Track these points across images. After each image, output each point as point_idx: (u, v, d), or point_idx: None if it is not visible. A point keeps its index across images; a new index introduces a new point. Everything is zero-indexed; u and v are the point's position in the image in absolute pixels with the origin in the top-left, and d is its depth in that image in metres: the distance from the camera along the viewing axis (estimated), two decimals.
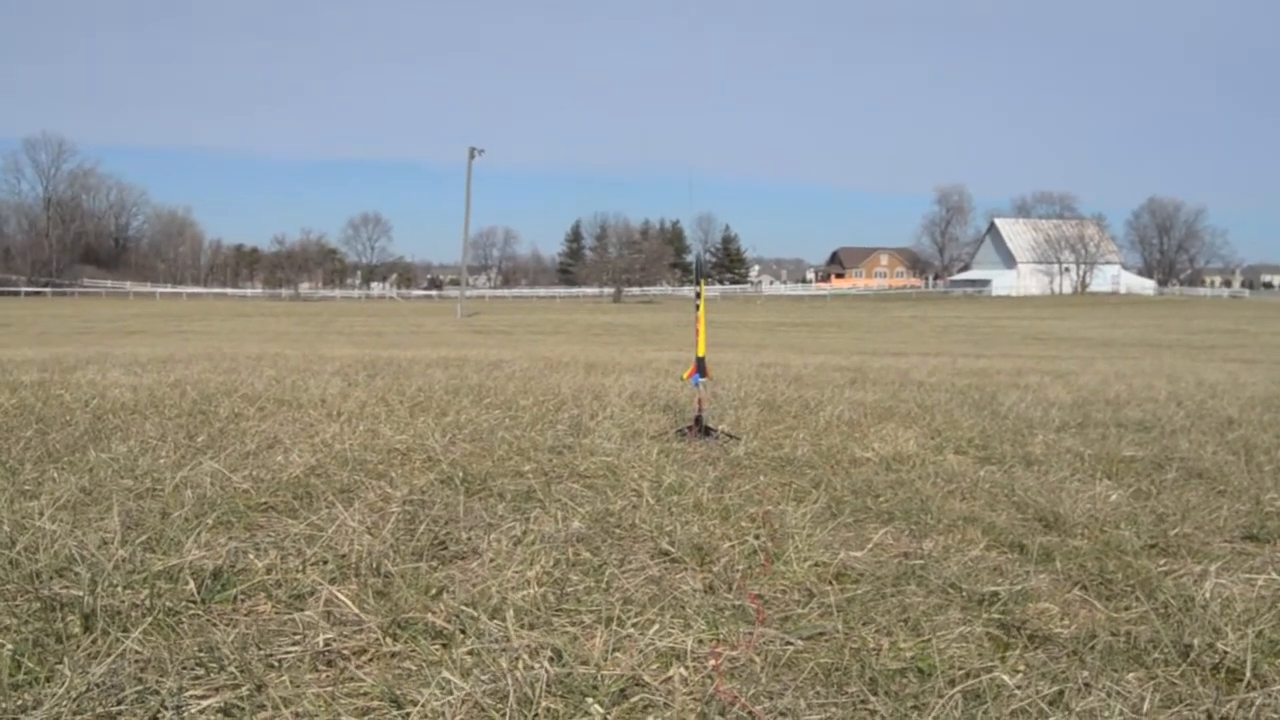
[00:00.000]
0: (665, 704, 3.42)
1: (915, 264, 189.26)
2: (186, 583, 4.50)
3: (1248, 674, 3.72)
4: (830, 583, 4.89)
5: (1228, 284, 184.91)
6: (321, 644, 3.91)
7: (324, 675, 3.68)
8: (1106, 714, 3.25)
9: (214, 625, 4.11)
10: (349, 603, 4.25)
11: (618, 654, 3.83)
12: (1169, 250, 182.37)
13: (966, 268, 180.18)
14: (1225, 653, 3.93)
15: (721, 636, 4.12)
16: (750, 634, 4.16)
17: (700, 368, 9.12)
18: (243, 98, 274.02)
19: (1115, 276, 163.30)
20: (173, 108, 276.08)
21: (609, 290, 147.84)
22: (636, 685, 3.58)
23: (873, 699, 3.49)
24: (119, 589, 4.39)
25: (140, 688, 3.44)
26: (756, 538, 5.59)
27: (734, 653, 3.94)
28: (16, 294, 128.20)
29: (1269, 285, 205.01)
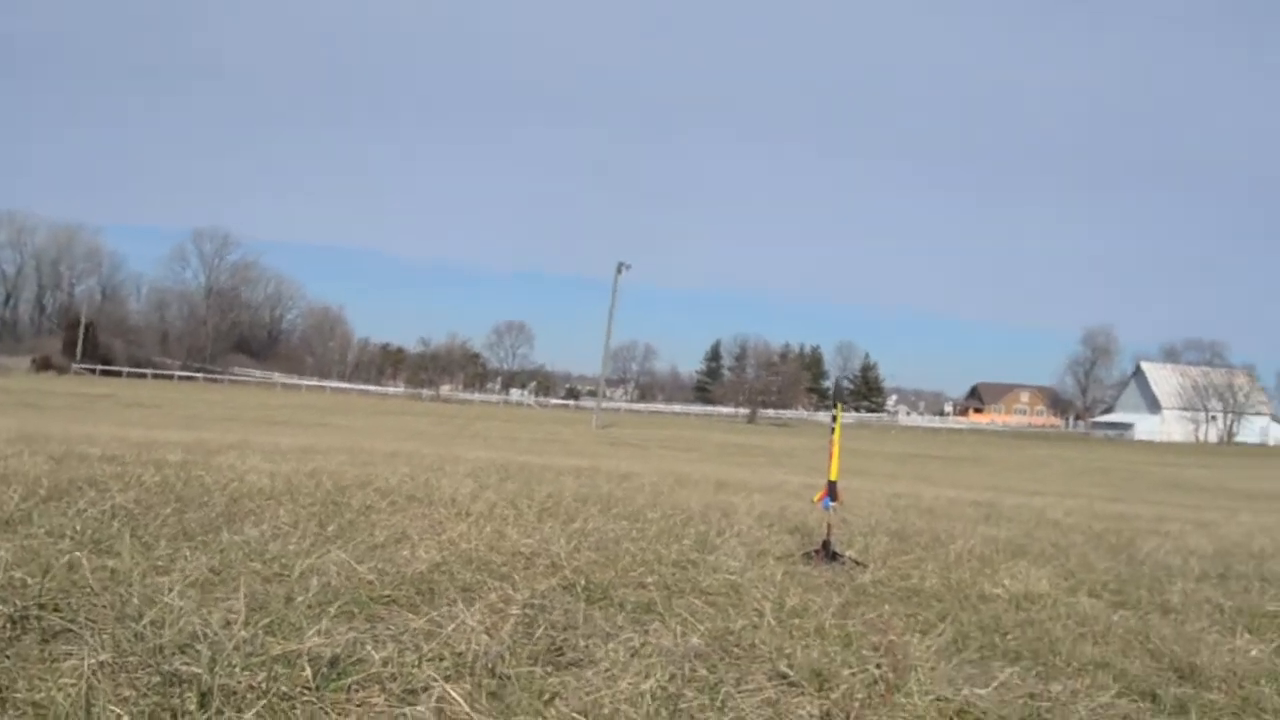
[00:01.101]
0: None
1: (1056, 403, 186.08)
2: (303, 669, 4.53)
3: None
4: (951, 718, 4.75)
5: None
6: None
7: None
8: None
9: (326, 713, 4.12)
10: (461, 701, 4.24)
11: None
12: None
13: (1109, 410, 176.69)
14: None
15: None
16: None
17: (831, 491, 9.05)
18: (401, 201, 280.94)
19: (1264, 428, 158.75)
20: (331, 206, 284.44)
21: (744, 411, 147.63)
22: None
23: None
24: (237, 669, 4.43)
25: None
26: (878, 667, 5.47)
27: None
28: (170, 378, 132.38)
29: None
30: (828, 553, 8.70)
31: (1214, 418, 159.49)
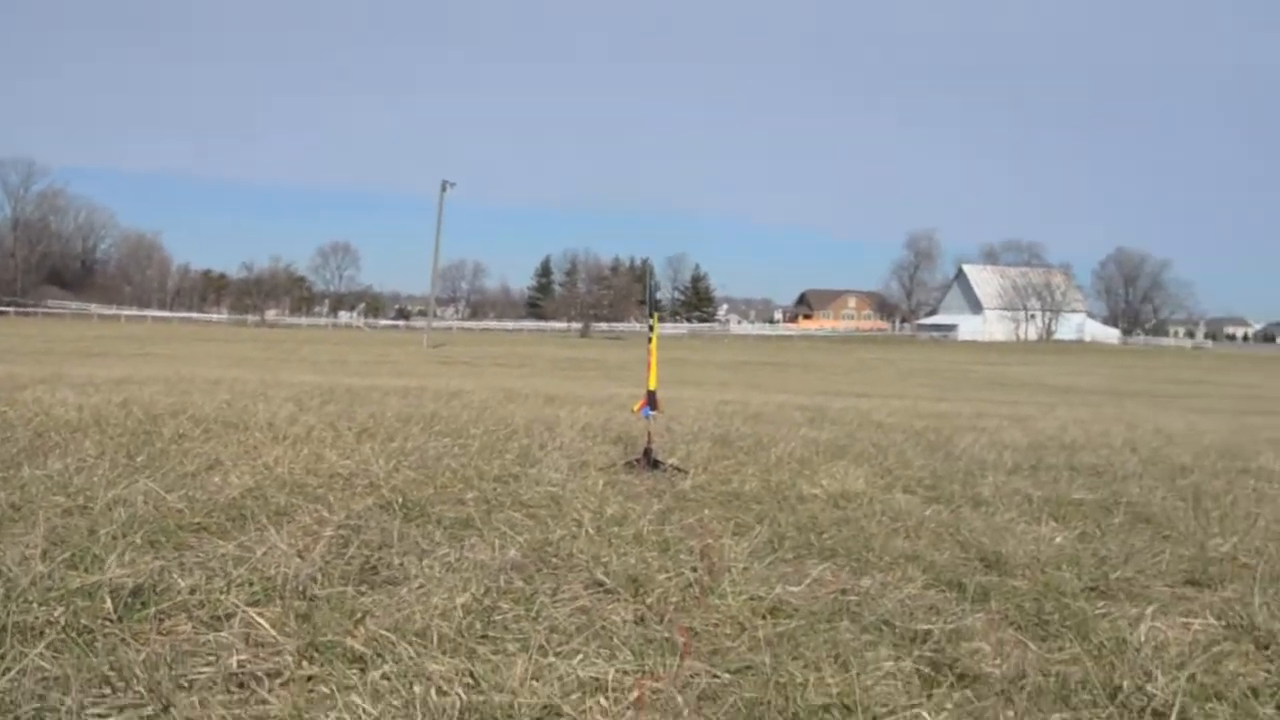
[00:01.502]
0: None
1: (883, 307, 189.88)
2: (104, 600, 4.40)
3: (1174, 717, 3.67)
4: (764, 617, 4.83)
5: (1191, 335, 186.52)
6: (235, 666, 3.82)
7: (234, 697, 3.59)
8: None
9: (128, 643, 4.01)
10: (266, 625, 4.16)
11: (537, 683, 3.75)
12: (1134, 300, 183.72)
13: (934, 312, 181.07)
14: (1154, 695, 3.89)
15: (647, 668, 4.04)
16: (676, 666, 4.09)
17: (651, 400, 9.07)
18: (215, 123, 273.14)
19: (1080, 325, 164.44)
20: (144, 131, 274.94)
21: (577, 325, 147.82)
22: (553, 715, 3.50)
23: None
24: (34, 605, 4.28)
25: (39, 705, 3.34)
26: (694, 570, 5.53)
27: (658, 684, 3.86)
28: None
29: (1231, 337, 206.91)
30: (649, 461, 8.75)
31: (1033, 316, 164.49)
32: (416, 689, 3.55)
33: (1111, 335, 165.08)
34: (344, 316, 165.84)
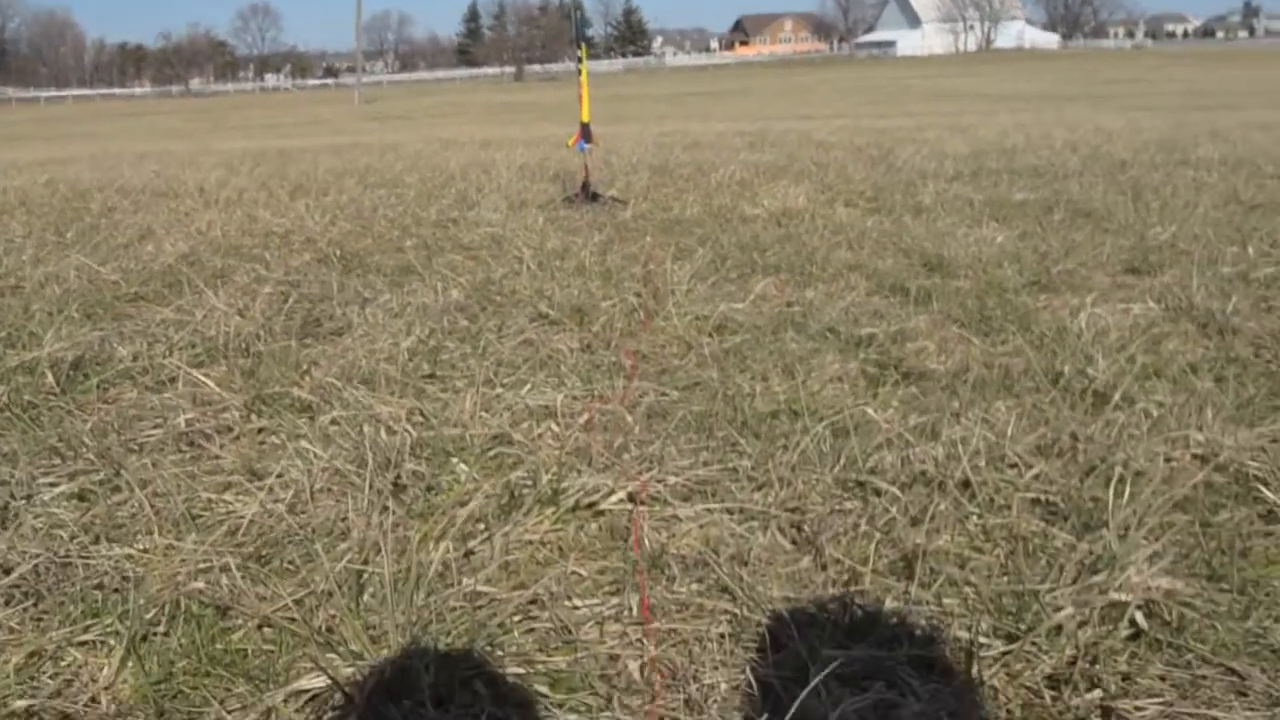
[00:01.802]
0: (531, 458, 3.36)
1: (820, 28, 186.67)
2: (45, 375, 4.36)
3: (1115, 397, 3.72)
4: (710, 335, 4.84)
5: (1131, 35, 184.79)
6: (184, 425, 3.80)
7: (185, 455, 3.59)
8: (971, 441, 3.24)
9: (73, 414, 3.99)
10: (211, 384, 4.13)
11: (486, 414, 3.76)
12: (1073, 3, 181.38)
13: (871, 29, 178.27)
14: (1095, 378, 3.94)
15: (595, 392, 4.06)
16: (625, 386, 4.11)
17: (585, 133, 8.94)
18: None
19: (1020, 32, 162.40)
20: None
21: (510, 70, 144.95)
22: (504, 443, 3.51)
23: (741, 440, 3.46)
24: None
25: None
26: (638, 296, 5.52)
27: (607, 406, 3.88)
28: None
29: (1171, 34, 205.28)
30: (588, 194, 8.67)
31: (972, 27, 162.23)
32: (366, 430, 3.54)
33: (1051, 41, 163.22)
34: (271, 80, 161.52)
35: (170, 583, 2.70)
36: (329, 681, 2.26)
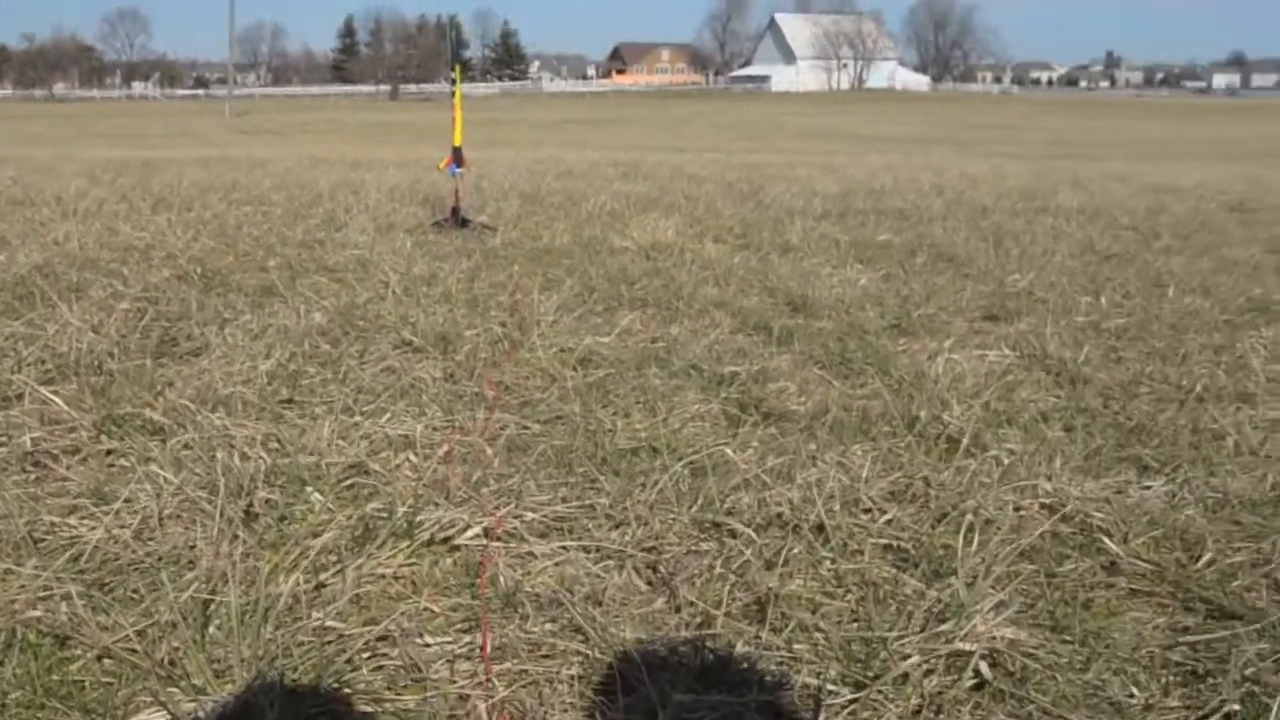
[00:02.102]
0: (388, 489, 3.32)
1: (696, 60, 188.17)
2: None
3: (965, 441, 3.79)
4: (574, 368, 4.83)
5: (999, 80, 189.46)
6: (29, 444, 3.69)
7: (30, 476, 3.48)
8: (826, 484, 3.27)
9: None
10: (60, 403, 4.01)
11: (343, 443, 3.71)
12: (944, 47, 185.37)
13: (747, 64, 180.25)
14: (949, 424, 4.01)
15: (456, 423, 4.03)
16: (486, 418, 4.08)
17: (457, 157, 8.89)
18: None
19: (892, 73, 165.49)
20: None
21: (385, 88, 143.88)
22: (361, 473, 3.47)
23: (601, 477, 3.46)
24: None
25: None
26: (503, 326, 5.50)
27: (467, 438, 3.85)
28: None
29: (1037, 82, 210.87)
30: (458, 220, 8.62)
31: (845, 66, 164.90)
32: (219, 455, 3.47)
33: (922, 83, 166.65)
34: (138, 87, 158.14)
35: (6, 610, 2.61)
36: (169, 717, 2.21)
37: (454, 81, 9.27)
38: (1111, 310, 6.30)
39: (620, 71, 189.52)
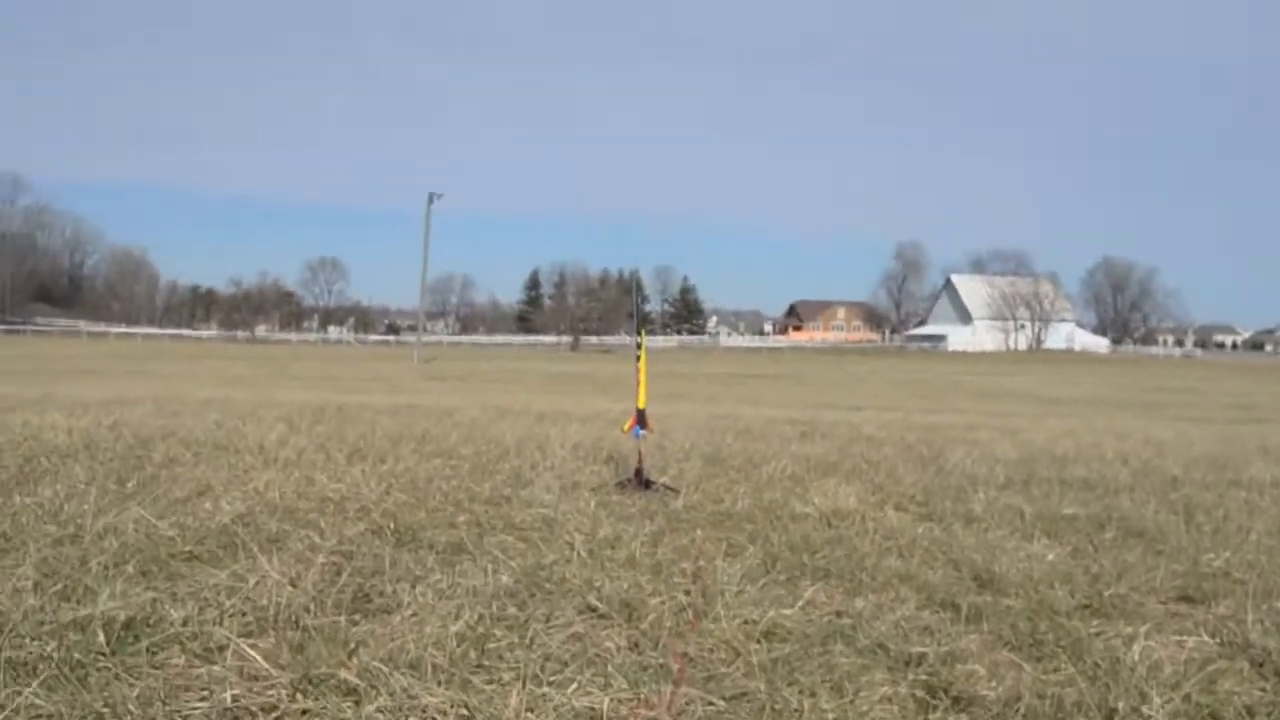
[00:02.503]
0: None
1: (871, 318, 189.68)
2: (97, 634, 4.39)
3: None
4: (758, 641, 4.82)
5: (1180, 343, 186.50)
6: (229, 700, 3.81)
7: None
8: None
9: (120, 678, 4.00)
10: (259, 659, 4.14)
11: (531, 714, 3.74)
12: (1123, 309, 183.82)
13: (923, 323, 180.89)
14: (1149, 717, 3.88)
15: (642, 696, 4.03)
16: (671, 693, 4.08)
17: (640, 419, 9.07)
18: (203, 136, 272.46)
19: (1070, 334, 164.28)
20: (131, 145, 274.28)
21: (567, 339, 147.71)
22: None
23: None
24: (27, 640, 4.26)
25: None
26: (687, 594, 5.52)
27: (652, 713, 3.85)
28: None
29: (1220, 345, 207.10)
30: (641, 481, 8.75)
31: (1022, 326, 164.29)
32: None
33: (1101, 344, 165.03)
34: (333, 332, 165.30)
35: None
36: None
37: (639, 345, 9.51)
38: None
39: (796, 328, 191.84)
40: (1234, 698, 4.27)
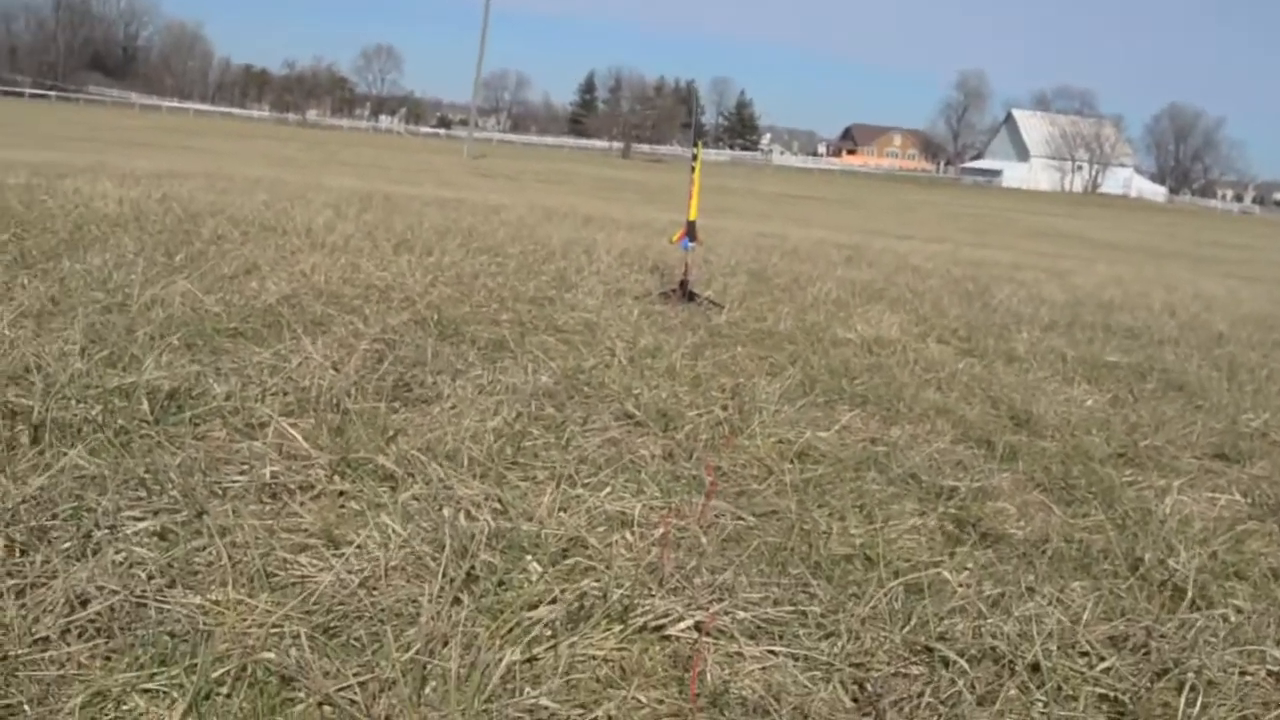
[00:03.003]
0: (604, 568, 3.37)
1: (928, 147, 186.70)
2: (141, 402, 4.44)
3: (1191, 593, 3.68)
4: (791, 461, 4.85)
5: (1239, 198, 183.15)
6: (268, 476, 3.86)
7: (266, 508, 3.64)
8: (1045, 620, 3.22)
9: (163, 446, 4.06)
10: (300, 438, 4.20)
11: (564, 513, 3.78)
12: (1184, 158, 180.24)
13: (979, 156, 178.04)
14: (1175, 570, 3.90)
15: (673, 505, 4.07)
16: (703, 505, 4.12)
17: (690, 232, 9.00)
18: None
19: (1128, 180, 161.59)
20: None
21: (619, 145, 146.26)
22: (579, 546, 3.53)
23: (814, 582, 3.46)
24: (72, 402, 4.32)
25: (76, 504, 3.39)
26: (724, 409, 5.54)
27: (683, 523, 3.89)
28: (20, 95, 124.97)
29: None
30: (685, 293, 8.73)
31: (1080, 168, 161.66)
32: (446, 512, 3.59)
33: (1158, 193, 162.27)
34: (384, 121, 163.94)
35: (239, 643, 2.73)
36: None
37: (694, 156, 9.39)
38: None
39: (851, 151, 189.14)
40: (1261, 558, 4.27)
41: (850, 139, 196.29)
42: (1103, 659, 3.13)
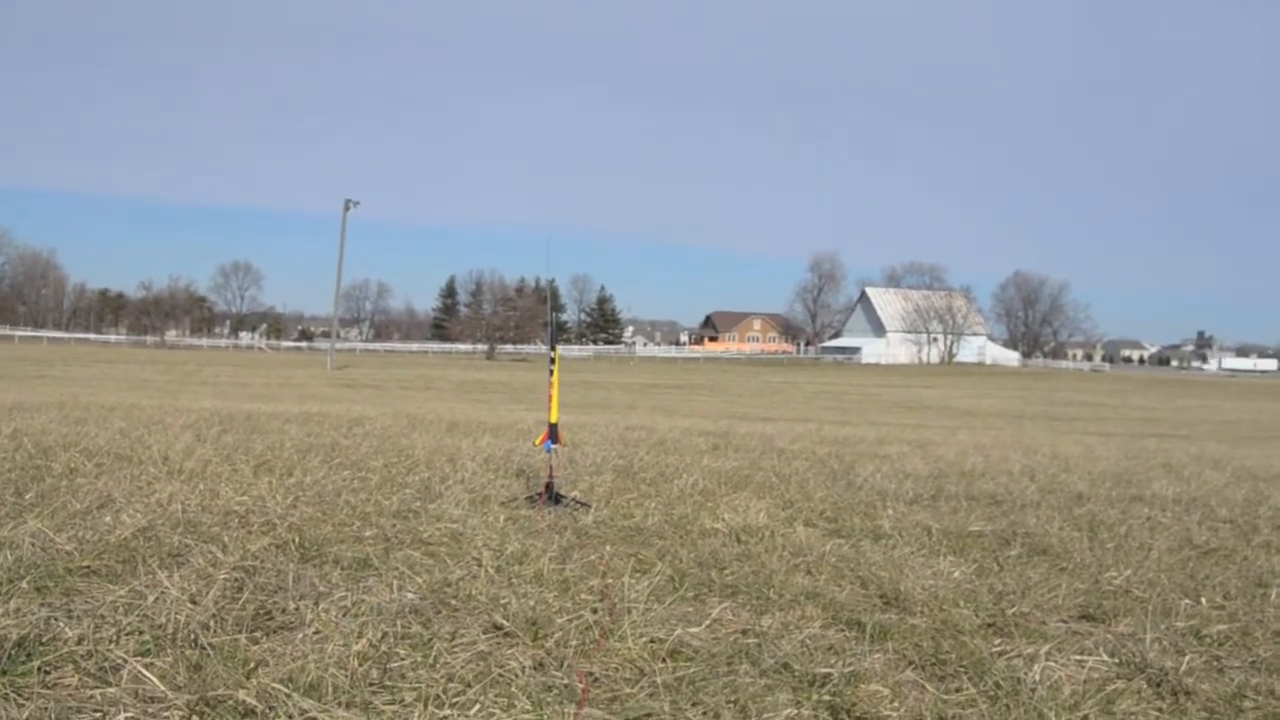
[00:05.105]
0: None
1: (787, 330, 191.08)
2: None
3: None
4: (664, 660, 4.81)
5: (1089, 357, 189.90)
6: None
7: None
8: None
9: (9, 699, 3.90)
10: (155, 680, 4.06)
11: None
12: (1033, 323, 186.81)
13: (838, 335, 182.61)
14: None
15: (545, 718, 4.00)
16: (575, 715, 4.05)
17: (553, 434, 9.02)
18: (113, 140, 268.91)
19: (981, 347, 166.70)
20: (40, 148, 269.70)
21: (483, 347, 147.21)
22: None
23: None
24: None
25: None
26: (594, 611, 5.50)
27: None
28: None
29: (1128, 359, 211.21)
30: (551, 495, 8.70)
31: (935, 339, 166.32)
32: None
33: (1012, 358, 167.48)
34: (245, 337, 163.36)
35: None
36: None
37: (552, 359, 9.46)
38: (1212, 614, 6.16)
39: (713, 339, 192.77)
40: (1131, 718, 4.32)
41: (711, 326, 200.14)
42: None
